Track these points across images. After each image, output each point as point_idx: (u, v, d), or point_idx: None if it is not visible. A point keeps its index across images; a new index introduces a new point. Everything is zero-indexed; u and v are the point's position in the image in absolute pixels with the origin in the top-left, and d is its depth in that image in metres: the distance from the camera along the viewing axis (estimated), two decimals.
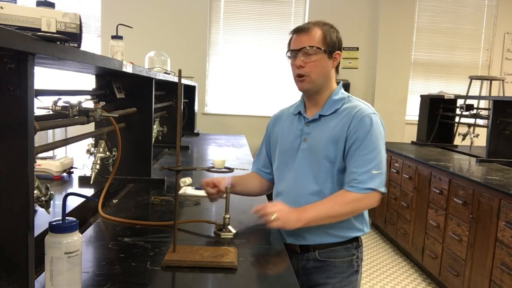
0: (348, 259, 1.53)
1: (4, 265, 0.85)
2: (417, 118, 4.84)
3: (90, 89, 1.84)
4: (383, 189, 1.43)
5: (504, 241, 2.46)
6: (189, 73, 4.91)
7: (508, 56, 5.83)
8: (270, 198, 1.80)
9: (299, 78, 1.48)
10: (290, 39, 1.53)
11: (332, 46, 1.47)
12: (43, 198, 1.12)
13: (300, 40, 1.46)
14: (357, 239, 1.55)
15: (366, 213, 1.56)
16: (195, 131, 4.35)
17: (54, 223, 0.90)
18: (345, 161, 1.45)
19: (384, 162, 1.44)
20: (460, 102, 4.39)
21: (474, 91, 5.45)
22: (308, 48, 1.44)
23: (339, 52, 1.50)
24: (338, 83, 1.58)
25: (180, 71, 1.20)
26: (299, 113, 1.58)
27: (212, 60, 5.65)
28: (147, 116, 2.05)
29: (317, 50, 1.45)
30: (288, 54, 1.50)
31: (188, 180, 1.95)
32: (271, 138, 1.67)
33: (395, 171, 4.10)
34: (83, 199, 1.54)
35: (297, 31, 1.49)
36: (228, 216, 1.44)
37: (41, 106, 1.28)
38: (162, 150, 3.13)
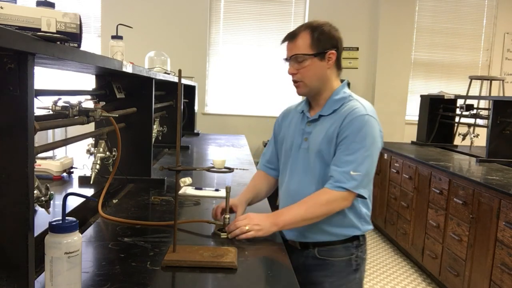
0: (346, 258, 1.52)
1: (4, 265, 0.85)
2: (417, 118, 4.84)
3: (90, 89, 1.83)
4: (362, 191, 1.40)
5: (504, 241, 2.46)
6: (189, 73, 4.91)
7: (508, 56, 5.83)
8: (274, 197, 1.80)
9: (294, 84, 1.51)
10: None
11: (323, 47, 1.44)
12: (43, 198, 1.12)
13: (289, 48, 1.48)
14: (357, 238, 1.53)
15: (365, 210, 1.51)
16: (195, 131, 4.35)
17: (54, 223, 0.90)
18: None
19: (369, 165, 1.41)
20: (460, 102, 4.39)
21: (474, 91, 5.45)
22: (295, 56, 1.45)
23: (333, 51, 1.46)
24: (342, 81, 1.54)
25: (180, 71, 1.20)
26: (303, 112, 1.58)
27: (212, 60, 5.64)
28: (147, 116, 2.05)
29: (304, 56, 1.44)
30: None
31: (188, 180, 1.94)
32: (278, 135, 1.68)
33: (395, 171, 4.10)
34: (83, 199, 1.54)
35: (286, 38, 1.49)
36: (228, 216, 1.44)
37: (41, 106, 1.28)
38: (162, 150, 3.13)
